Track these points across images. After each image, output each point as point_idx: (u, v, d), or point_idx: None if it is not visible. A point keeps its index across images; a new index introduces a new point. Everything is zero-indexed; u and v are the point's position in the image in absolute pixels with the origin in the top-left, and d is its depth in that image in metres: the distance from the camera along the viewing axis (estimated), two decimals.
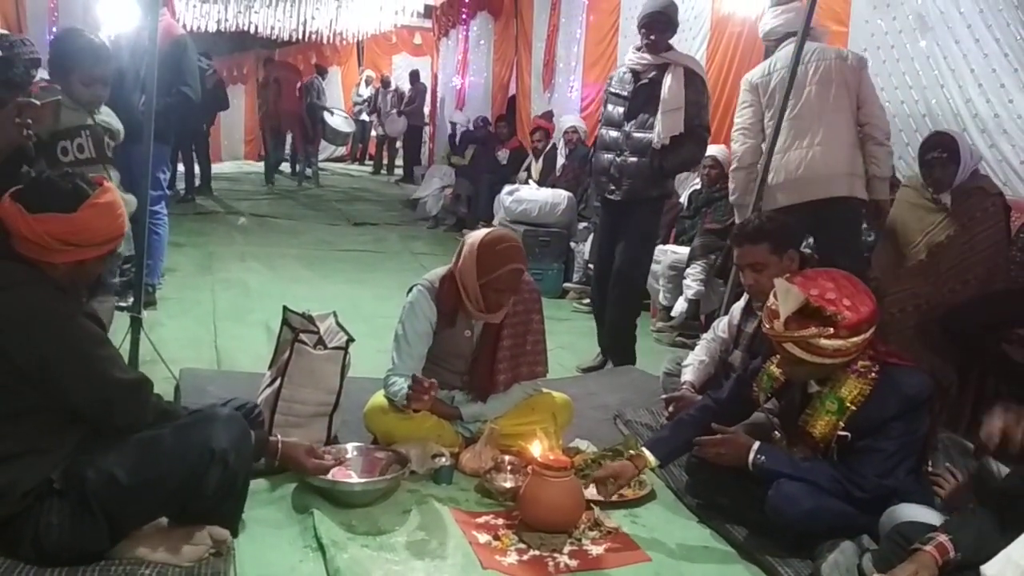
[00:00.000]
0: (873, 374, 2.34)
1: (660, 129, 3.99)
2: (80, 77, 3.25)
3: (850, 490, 2.33)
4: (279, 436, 2.36)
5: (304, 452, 2.35)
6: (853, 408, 2.35)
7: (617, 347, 4.38)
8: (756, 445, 2.46)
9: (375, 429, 3.00)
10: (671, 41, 4.11)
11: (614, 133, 4.19)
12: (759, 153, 3.90)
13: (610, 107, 4.25)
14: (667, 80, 4.00)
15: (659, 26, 4.04)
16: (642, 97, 4.10)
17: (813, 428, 2.43)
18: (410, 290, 3.04)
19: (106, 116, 3.44)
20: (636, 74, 4.14)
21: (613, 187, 4.18)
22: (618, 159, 4.14)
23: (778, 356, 2.50)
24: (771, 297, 2.36)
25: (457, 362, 3.07)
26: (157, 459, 2.01)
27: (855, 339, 2.28)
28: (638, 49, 4.15)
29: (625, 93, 4.16)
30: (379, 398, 3.01)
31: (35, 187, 2.05)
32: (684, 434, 2.69)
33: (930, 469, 2.55)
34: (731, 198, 4.15)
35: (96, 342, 2.03)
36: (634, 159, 4.10)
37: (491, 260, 2.87)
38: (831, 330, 2.25)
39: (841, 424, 2.37)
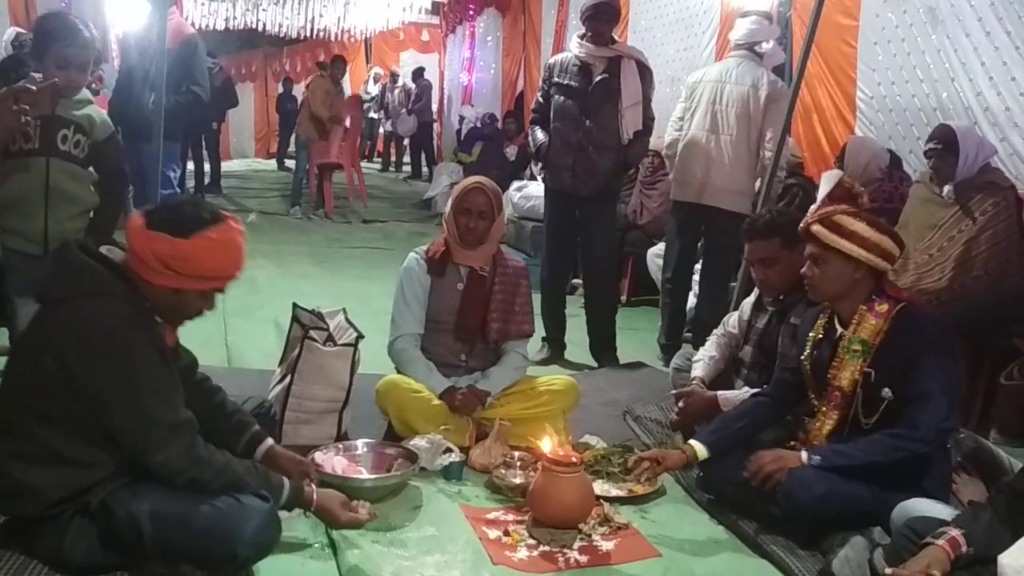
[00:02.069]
0: (893, 314, 2.45)
1: (626, 125, 4.13)
2: (54, 58, 2.92)
3: (911, 448, 2.36)
4: (314, 487, 2.27)
5: (339, 504, 2.27)
6: (875, 346, 2.45)
7: (606, 344, 4.44)
8: (804, 453, 2.47)
9: (387, 405, 3.04)
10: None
11: (571, 127, 4.17)
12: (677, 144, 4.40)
13: (560, 99, 4.21)
14: (625, 75, 4.10)
15: (604, 17, 4.12)
16: (599, 92, 4.12)
17: (841, 378, 2.50)
18: (404, 261, 3.26)
19: (77, 109, 2.99)
20: (586, 66, 4.15)
21: (577, 183, 4.20)
22: (581, 155, 4.16)
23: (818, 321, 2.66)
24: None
25: (451, 319, 3.19)
26: (183, 531, 1.95)
27: (872, 232, 2.45)
28: (581, 38, 4.18)
29: (576, 84, 4.15)
30: (392, 376, 3.09)
31: (163, 205, 2.06)
32: (734, 424, 2.73)
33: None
34: (672, 176, 4.55)
35: (152, 375, 1.98)
36: (599, 156, 4.16)
37: (461, 186, 3.31)
38: (854, 211, 2.48)
39: (865, 365, 2.45)
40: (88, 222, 3.03)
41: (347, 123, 9.59)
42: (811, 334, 2.67)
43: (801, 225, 2.58)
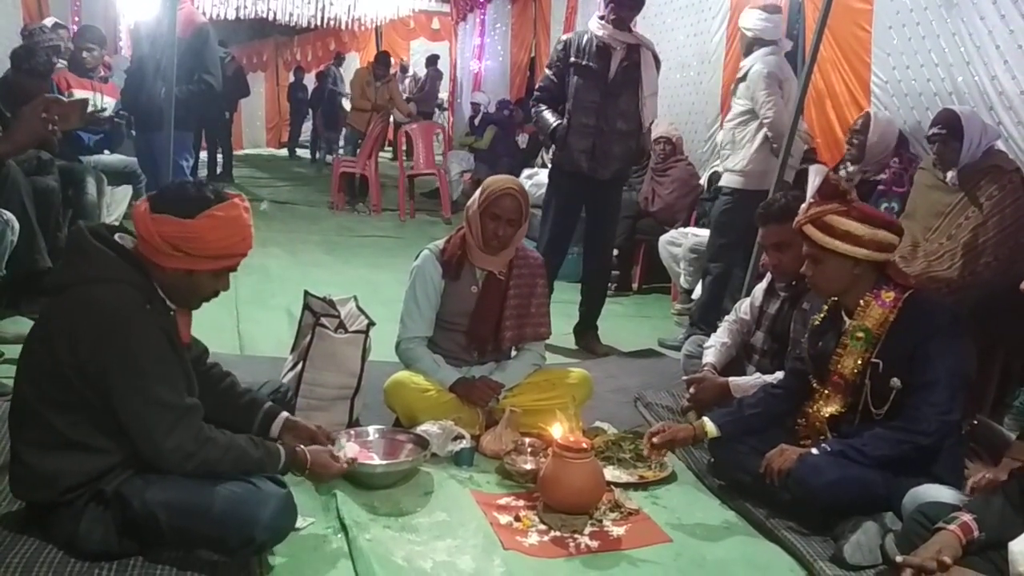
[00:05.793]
0: (900, 303, 2.43)
1: (647, 114, 4.21)
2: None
3: (914, 440, 2.35)
4: (304, 447, 2.27)
5: (329, 456, 2.30)
6: (880, 335, 2.43)
7: (592, 325, 4.49)
8: (814, 449, 2.46)
9: (395, 404, 3.04)
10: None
11: (591, 110, 4.15)
12: None
13: (578, 80, 4.16)
14: (645, 65, 4.14)
15: (630, 2, 4.13)
16: (620, 77, 4.13)
17: (844, 367, 2.49)
18: (418, 256, 3.18)
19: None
20: (606, 48, 4.13)
21: (596, 167, 4.21)
22: (600, 139, 4.16)
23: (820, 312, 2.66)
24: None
25: (464, 321, 3.15)
26: (201, 518, 1.96)
27: (866, 229, 2.41)
28: (601, 18, 4.17)
29: (595, 67, 4.13)
30: (400, 374, 3.07)
31: (166, 188, 2.06)
32: (747, 411, 2.73)
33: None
34: (758, 167, 4.27)
35: (158, 361, 1.97)
36: (617, 140, 4.18)
37: (491, 187, 3.09)
38: (845, 208, 2.43)
39: (870, 354, 2.43)
40: None
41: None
42: (812, 319, 2.67)
43: (793, 224, 2.55)
